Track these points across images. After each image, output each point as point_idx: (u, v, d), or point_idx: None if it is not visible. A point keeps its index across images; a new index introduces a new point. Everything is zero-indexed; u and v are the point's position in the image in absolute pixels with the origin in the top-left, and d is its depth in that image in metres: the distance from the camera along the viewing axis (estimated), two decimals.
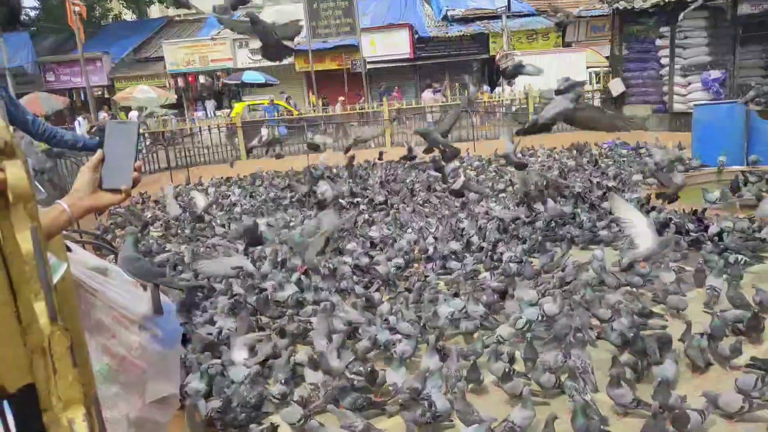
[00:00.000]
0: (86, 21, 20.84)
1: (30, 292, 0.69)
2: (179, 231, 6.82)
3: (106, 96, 24.58)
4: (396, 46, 22.25)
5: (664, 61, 12.88)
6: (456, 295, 3.93)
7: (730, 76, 11.83)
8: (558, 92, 4.35)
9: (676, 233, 5.04)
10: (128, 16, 31.97)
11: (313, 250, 3.91)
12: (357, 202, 7.65)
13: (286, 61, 22.74)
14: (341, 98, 19.30)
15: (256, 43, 4.55)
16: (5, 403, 0.74)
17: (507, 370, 2.85)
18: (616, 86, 13.95)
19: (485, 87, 17.95)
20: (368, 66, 20.47)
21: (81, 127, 16.56)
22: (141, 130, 14.58)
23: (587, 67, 18.43)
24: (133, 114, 18.73)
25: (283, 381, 2.97)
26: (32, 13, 26.93)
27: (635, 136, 12.10)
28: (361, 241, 5.59)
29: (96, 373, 1.81)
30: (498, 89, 18.05)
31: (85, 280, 1.84)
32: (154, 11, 32.42)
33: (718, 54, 12.17)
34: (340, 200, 7.48)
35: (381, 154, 10.26)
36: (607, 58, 16.37)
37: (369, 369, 2.92)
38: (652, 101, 13.41)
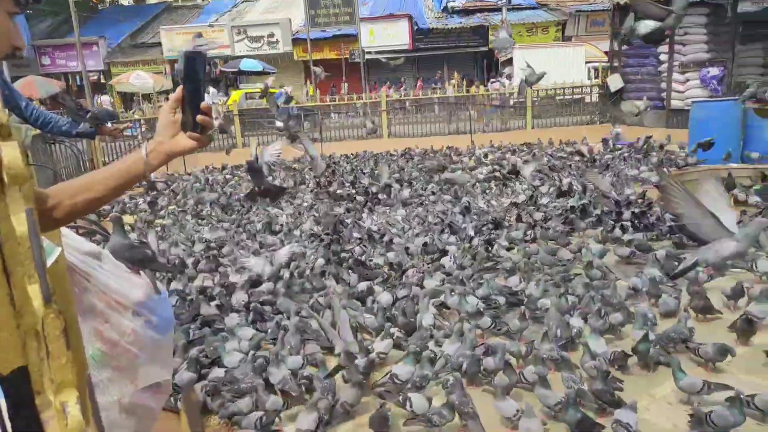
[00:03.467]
0: (83, 4, 20.64)
1: (24, 275, 0.68)
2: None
3: (102, 81, 24.42)
4: (395, 36, 22.17)
5: (663, 57, 12.86)
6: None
7: (729, 74, 11.84)
8: None
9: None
10: (126, 0, 31.71)
11: None
12: (351, 194, 7.65)
13: (283, 50, 22.70)
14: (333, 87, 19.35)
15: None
16: None
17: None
18: (615, 81, 13.93)
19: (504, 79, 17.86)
20: (366, 56, 20.38)
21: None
22: (137, 116, 14.53)
23: (586, 62, 18.43)
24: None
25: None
26: None
27: (635, 132, 12.13)
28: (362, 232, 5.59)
29: (88, 357, 1.81)
30: (497, 83, 17.99)
31: (78, 264, 1.83)
32: None
33: (717, 51, 12.17)
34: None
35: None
36: (606, 53, 16.32)
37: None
38: (650, 97, 13.40)
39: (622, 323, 3.40)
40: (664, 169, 7.70)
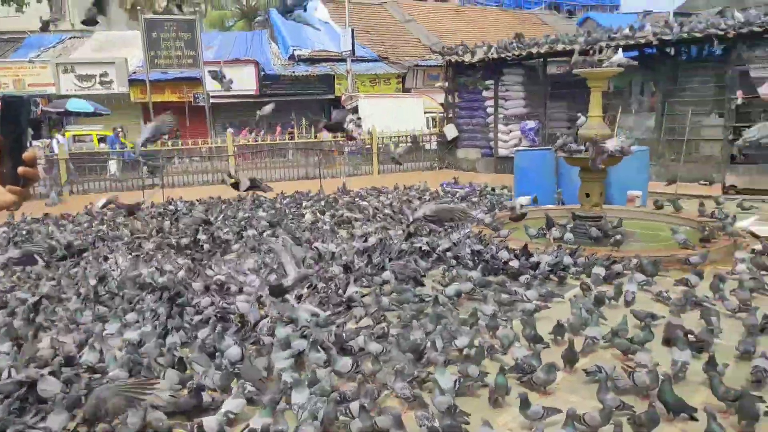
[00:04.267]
0: None
1: None
2: None
3: None
4: (242, 81, 21.97)
5: (490, 110, 14.35)
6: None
7: (543, 126, 13.54)
8: None
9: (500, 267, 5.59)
10: None
11: None
12: (198, 240, 7.27)
13: (119, 90, 21.25)
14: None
15: None
16: None
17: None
18: (450, 131, 15.18)
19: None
20: (212, 100, 19.88)
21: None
22: None
23: (425, 112, 19.87)
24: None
25: None
26: None
27: (469, 177, 13.25)
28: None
29: None
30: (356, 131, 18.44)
31: None
32: None
33: (533, 106, 13.90)
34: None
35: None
36: (441, 104, 17.75)
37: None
38: (480, 146, 14.81)
39: (468, 356, 3.61)
40: (496, 211, 8.48)
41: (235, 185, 6.52)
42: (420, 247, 6.37)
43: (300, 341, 3.73)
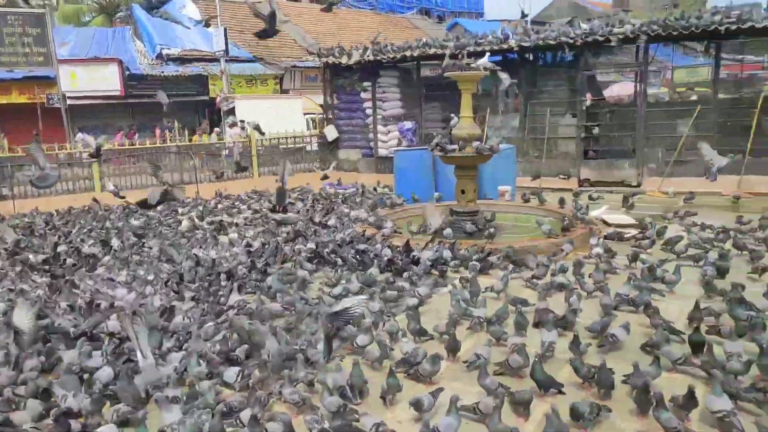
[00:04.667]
0: None
1: None
2: None
3: None
4: (104, 81, 20.34)
5: (369, 111, 14.59)
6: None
7: (420, 127, 14.03)
8: None
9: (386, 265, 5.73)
10: None
11: None
12: (59, 253, 6.62)
13: None
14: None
15: None
16: None
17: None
18: (330, 132, 15.21)
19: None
20: (69, 101, 18.19)
21: None
22: None
23: (305, 113, 19.73)
24: None
25: None
26: None
27: (351, 177, 13.39)
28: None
29: None
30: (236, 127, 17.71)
31: None
32: None
33: (409, 107, 14.35)
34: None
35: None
36: (321, 105, 17.70)
37: None
38: (361, 146, 15.01)
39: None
40: (378, 210, 8.65)
41: (143, 203, 5.93)
42: (304, 249, 6.33)
43: (177, 355, 3.56)
